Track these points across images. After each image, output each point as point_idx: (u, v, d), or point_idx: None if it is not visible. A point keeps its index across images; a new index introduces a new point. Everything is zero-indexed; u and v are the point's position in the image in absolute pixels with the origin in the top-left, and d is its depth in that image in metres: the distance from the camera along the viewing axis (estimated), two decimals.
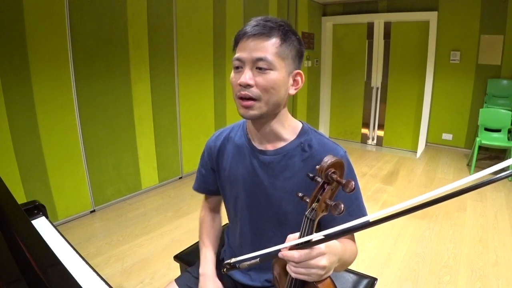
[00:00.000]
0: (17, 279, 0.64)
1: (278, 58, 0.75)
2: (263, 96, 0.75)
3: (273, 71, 0.75)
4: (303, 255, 0.58)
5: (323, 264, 0.59)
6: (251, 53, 0.74)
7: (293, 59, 0.79)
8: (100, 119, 2.66)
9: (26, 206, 1.16)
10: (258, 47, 0.74)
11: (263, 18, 0.77)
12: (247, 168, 0.88)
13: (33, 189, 2.30)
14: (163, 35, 3.04)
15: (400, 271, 2.02)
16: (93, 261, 2.04)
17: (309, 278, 0.60)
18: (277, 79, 0.75)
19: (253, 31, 0.74)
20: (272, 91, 0.76)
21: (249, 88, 0.75)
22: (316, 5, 4.91)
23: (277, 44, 0.75)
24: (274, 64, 0.74)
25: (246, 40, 0.75)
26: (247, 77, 0.74)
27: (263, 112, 0.77)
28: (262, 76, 0.74)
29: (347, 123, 5.32)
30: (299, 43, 0.80)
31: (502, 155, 4.08)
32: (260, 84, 0.75)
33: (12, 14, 2.07)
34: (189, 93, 3.36)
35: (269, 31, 0.74)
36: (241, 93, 0.76)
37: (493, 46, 4.04)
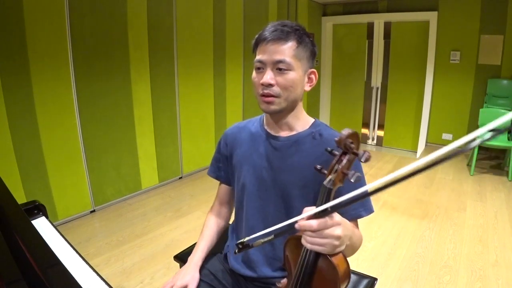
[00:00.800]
0: (17, 279, 0.64)
1: (295, 59, 0.84)
2: (283, 94, 0.85)
3: (292, 71, 0.84)
4: (321, 224, 0.61)
5: (338, 233, 0.62)
6: (271, 55, 0.83)
7: (308, 59, 0.87)
8: (100, 119, 2.66)
9: (26, 206, 1.16)
10: (277, 50, 0.83)
11: (280, 23, 0.85)
12: (259, 152, 0.95)
13: (33, 189, 2.30)
14: (163, 35, 3.04)
15: (400, 271, 2.02)
16: (93, 261, 2.04)
17: (324, 249, 0.62)
18: (295, 78, 0.84)
19: (273, 36, 0.83)
20: (291, 89, 0.85)
21: (271, 87, 0.84)
22: (316, 5, 4.91)
23: (294, 47, 0.83)
24: (292, 65, 0.83)
25: (266, 44, 0.84)
26: (269, 78, 0.83)
27: (282, 107, 0.87)
28: (282, 76, 0.84)
29: (347, 123, 5.32)
30: (312, 44, 0.88)
31: (502, 155, 4.07)
32: (280, 83, 0.84)
33: (12, 14, 2.07)
34: (189, 93, 3.36)
35: (287, 35, 0.83)
36: (264, 92, 0.85)
37: (493, 46, 4.04)
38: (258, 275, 0.97)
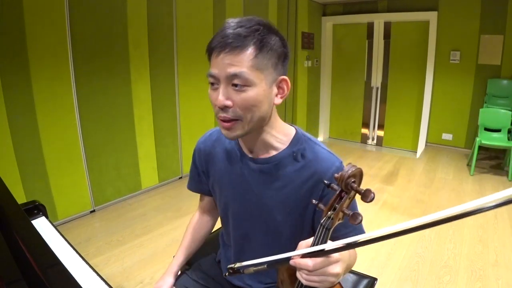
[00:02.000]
0: (17, 279, 0.64)
1: (255, 71, 0.67)
2: (245, 115, 0.69)
3: (251, 87, 0.67)
4: (318, 264, 0.56)
5: (337, 271, 0.58)
6: (224, 68, 0.66)
7: (274, 66, 0.70)
8: (100, 119, 2.66)
9: (26, 206, 1.16)
10: (231, 61, 0.66)
11: (237, 23, 0.68)
12: (238, 174, 0.85)
13: (33, 189, 2.30)
14: (163, 35, 3.04)
15: (400, 271, 2.02)
16: (93, 261, 2.04)
17: (321, 286, 0.59)
18: (257, 95, 0.68)
19: (225, 43, 0.66)
20: (254, 108, 0.69)
21: (228, 110, 0.69)
22: (316, 5, 4.91)
23: (252, 56, 0.66)
24: (251, 80, 0.67)
25: (218, 54, 0.67)
26: (223, 98, 0.68)
27: (246, 130, 0.72)
28: (239, 94, 0.67)
29: (347, 123, 5.32)
30: (281, 44, 0.71)
31: (502, 155, 4.07)
32: (238, 103, 0.68)
33: (12, 14, 2.07)
34: (189, 93, 3.36)
35: (243, 41, 0.66)
36: (220, 115, 0.70)
37: (493, 46, 4.04)
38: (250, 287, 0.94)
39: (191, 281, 1.01)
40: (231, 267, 0.68)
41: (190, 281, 1.01)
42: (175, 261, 1.03)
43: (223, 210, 0.93)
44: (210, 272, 1.03)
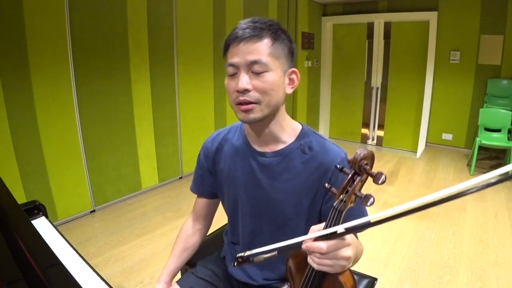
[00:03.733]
0: (17, 279, 0.64)
1: (272, 58, 0.74)
2: (263, 99, 0.74)
3: (269, 72, 0.73)
4: (332, 246, 0.57)
5: (349, 255, 0.59)
6: (244, 56, 0.73)
7: (286, 57, 0.78)
8: (100, 118, 2.66)
9: (26, 206, 1.16)
10: (250, 49, 0.72)
11: (250, 20, 0.76)
12: (246, 170, 0.87)
13: (33, 189, 2.30)
14: (163, 35, 3.04)
15: (400, 271, 2.02)
16: (93, 261, 2.04)
17: (332, 269, 0.59)
18: (274, 80, 0.74)
19: (244, 34, 0.73)
20: (272, 92, 0.75)
21: (248, 93, 0.73)
22: (316, 5, 4.91)
23: (269, 44, 0.74)
24: (269, 65, 0.73)
25: (237, 44, 0.73)
26: (244, 82, 0.73)
27: (264, 114, 0.76)
28: (259, 78, 0.73)
29: (347, 123, 5.32)
30: (289, 40, 0.79)
31: (502, 155, 4.07)
32: (258, 87, 0.73)
33: (12, 13, 2.07)
34: (189, 93, 3.36)
35: (260, 32, 0.73)
36: (239, 99, 0.74)
37: (493, 46, 4.04)
38: (256, 282, 0.95)
39: (197, 279, 1.01)
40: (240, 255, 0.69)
41: (196, 279, 1.01)
42: (165, 270, 1.01)
43: (231, 207, 0.95)
44: (215, 269, 1.03)
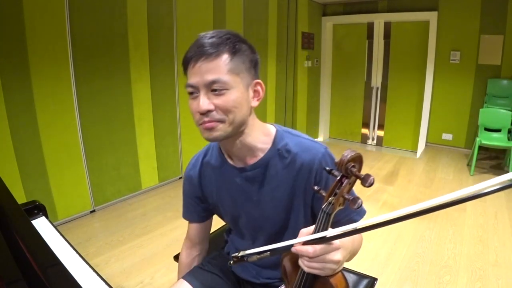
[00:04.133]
0: (17, 279, 0.64)
1: (232, 75, 0.71)
2: (227, 117, 0.72)
3: (230, 90, 0.71)
4: (318, 250, 0.57)
5: (338, 258, 0.59)
6: (202, 76, 0.70)
7: (248, 70, 0.75)
8: (100, 119, 2.66)
9: (26, 206, 1.16)
10: (209, 68, 0.70)
11: (208, 35, 0.73)
12: (233, 188, 0.88)
13: (33, 189, 2.30)
14: (163, 35, 3.04)
15: (400, 271, 2.02)
16: (93, 261, 2.04)
17: (322, 272, 0.60)
18: (236, 97, 0.72)
19: (201, 52, 0.71)
20: (235, 110, 0.72)
21: (210, 114, 0.71)
22: (316, 5, 4.91)
23: (227, 61, 0.71)
24: (229, 83, 0.71)
25: (195, 64, 0.72)
26: (205, 104, 0.70)
27: (228, 132, 0.74)
28: (220, 98, 0.71)
29: (347, 123, 5.32)
30: (251, 51, 0.76)
31: (502, 155, 4.07)
32: (219, 106, 0.71)
33: (12, 13, 2.07)
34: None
35: (217, 48, 0.71)
36: (203, 120, 0.72)
37: (493, 46, 4.04)
38: (258, 280, 0.96)
39: (205, 272, 1.01)
40: (235, 255, 0.71)
41: (203, 273, 1.01)
42: None
43: (232, 224, 0.97)
44: (221, 264, 1.04)
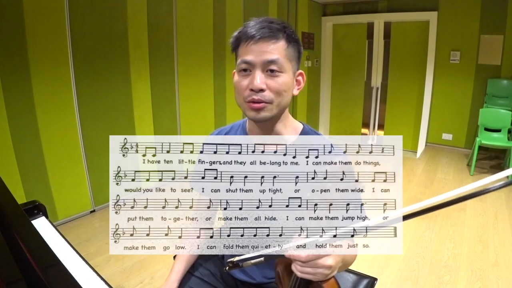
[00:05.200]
0: (17, 279, 0.64)
1: (286, 60, 0.75)
2: (275, 99, 0.75)
3: (284, 73, 0.74)
4: (310, 255, 0.58)
5: (330, 264, 0.60)
6: (261, 55, 0.73)
7: (296, 60, 0.79)
8: (100, 119, 2.66)
9: (26, 206, 1.16)
10: (268, 49, 0.73)
11: (266, 19, 0.76)
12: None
13: (33, 189, 2.30)
14: (163, 35, 3.04)
15: (400, 271, 2.02)
16: (93, 261, 2.04)
17: (315, 277, 0.61)
18: (287, 82, 0.75)
19: (262, 33, 0.73)
20: (284, 93, 0.76)
21: (262, 93, 0.73)
22: (316, 5, 4.91)
23: (284, 46, 0.75)
24: (284, 67, 0.74)
25: (254, 42, 0.73)
26: (260, 82, 0.73)
27: (273, 114, 0.77)
28: (274, 79, 0.74)
29: (347, 123, 5.32)
30: (299, 43, 0.80)
31: (502, 155, 4.07)
32: (272, 87, 0.74)
33: (12, 14, 2.07)
34: (189, 93, 3.36)
35: (277, 33, 0.74)
36: (253, 98, 0.74)
37: (493, 46, 4.04)
38: (254, 280, 0.96)
39: (196, 279, 1.01)
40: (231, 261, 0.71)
41: (194, 279, 1.01)
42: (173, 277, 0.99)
43: None
44: (213, 269, 1.04)
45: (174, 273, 0.99)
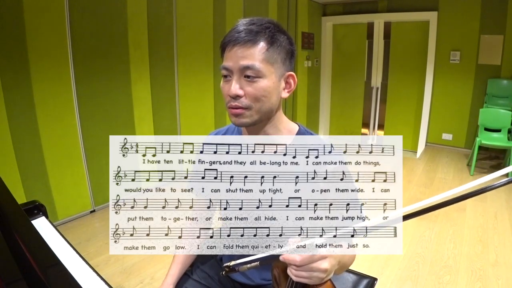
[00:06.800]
0: (17, 279, 0.64)
1: (266, 64, 0.73)
2: (254, 105, 0.74)
3: (262, 78, 0.73)
4: (305, 259, 0.58)
5: (325, 267, 0.60)
6: (237, 61, 0.72)
7: (283, 61, 0.76)
8: (100, 119, 2.66)
9: (26, 206, 1.16)
10: (244, 54, 0.72)
11: (248, 21, 0.74)
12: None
13: (33, 189, 2.30)
14: (163, 35, 3.04)
15: (400, 271, 2.02)
16: (93, 261, 2.04)
17: (310, 281, 0.61)
18: (266, 86, 0.74)
19: (238, 38, 0.72)
20: (263, 98, 0.74)
21: (239, 99, 0.74)
22: (316, 5, 4.91)
23: (263, 50, 0.72)
24: (262, 71, 0.72)
25: (232, 47, 0.73)
26: (236, 88, 0.73)
27: (254, 119, 0.76)
28: (251, 85, 0.73)
29: (347, 123, 5.32)
30: (289, 43, 0.78)
31: (502, 155, 4.07)
32: (249, 93, 0.73)
33: (12, 13, 2.07)
34: (189, 93, 3.36)
35: (255, 36, 0.72)
36: (231, 104, 0.75)
37: (493, 46, 4.04)
38: (253, 282, 0.96)
39: (193, 282, 1.01)
40: (227, 265, 0.71)
41: (191, 282, 1.01)
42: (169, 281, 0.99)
43: None
44: (210, 272, 1.03)
45: (170, 276, 0.99)
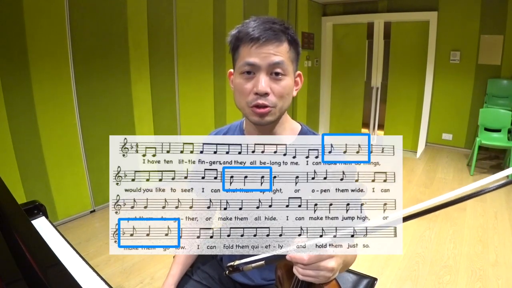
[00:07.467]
0: (17, 279, 0.64)
1: (290, 62, 0.74)
2: (278, 103, 0.74)
3: (287, 76, 0.74)
4: (312, 258, 0.58)
5: (332, 266, 0.60)
6: (267, 58, 0.71)
7: (296, 61, 0.78)
8: (100, 119, 2.66)
9: (26, 206, 1.16)
10: (276, 51, 0.71)
11: (268, 20, 0.74)
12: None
13: (33, 189, 2.30)
14: (163, 35, 3.04)
15: (400, 271, 2.02)
16: (93, 261, 2.04)
17: (317, 280, 0.60)
18: (290, 85, 0.75)
19: (267, 35, 0.71)
20: (287, 97, 0.75)
21: (266, 97, 0.72)
22: (316, 5, 4.91)
23: (287, 49, 0.74)
24: (288, 69, 0.73)
25: (259, 44, 0.71)
26: (265, 85, 0.71)
27: (276, 117, 0.76)
28: (278, 82, 0.73)
29: (347, 123, 5.32)
30: (298, 45, 0.80)
31: (502, 155, 4.07)
32: (276, 91, 0.73)
33: (12, 14, 2.07)
34: (189, 93, 3.36)
35: (281, 36, 0.73)
36: (258, 102, 0.72)
37: (493, 46, 4.04)
38: (254, 282, 0.96)
39: (194, 283, 1.01)
40: (231, 265, 0.71)
41: (192, 283, 1.01)
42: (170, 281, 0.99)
43: None
44: (211, 272, 1.03)
45: (171, 276, 0.99)
